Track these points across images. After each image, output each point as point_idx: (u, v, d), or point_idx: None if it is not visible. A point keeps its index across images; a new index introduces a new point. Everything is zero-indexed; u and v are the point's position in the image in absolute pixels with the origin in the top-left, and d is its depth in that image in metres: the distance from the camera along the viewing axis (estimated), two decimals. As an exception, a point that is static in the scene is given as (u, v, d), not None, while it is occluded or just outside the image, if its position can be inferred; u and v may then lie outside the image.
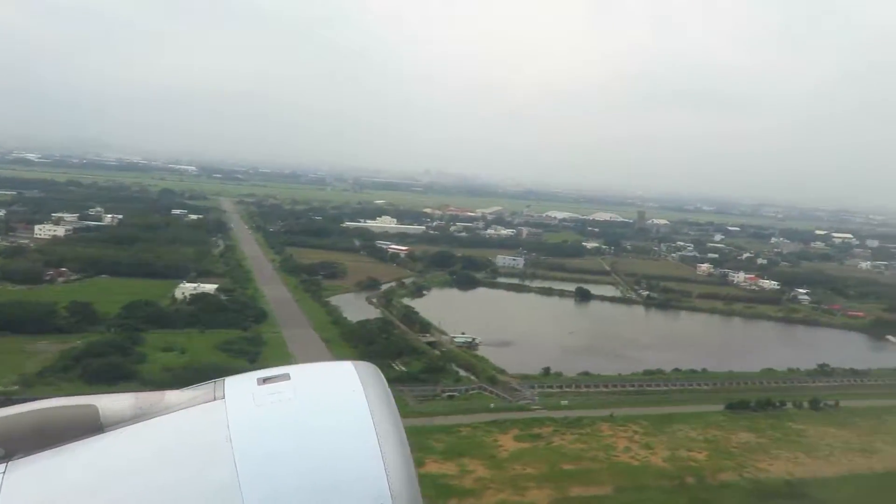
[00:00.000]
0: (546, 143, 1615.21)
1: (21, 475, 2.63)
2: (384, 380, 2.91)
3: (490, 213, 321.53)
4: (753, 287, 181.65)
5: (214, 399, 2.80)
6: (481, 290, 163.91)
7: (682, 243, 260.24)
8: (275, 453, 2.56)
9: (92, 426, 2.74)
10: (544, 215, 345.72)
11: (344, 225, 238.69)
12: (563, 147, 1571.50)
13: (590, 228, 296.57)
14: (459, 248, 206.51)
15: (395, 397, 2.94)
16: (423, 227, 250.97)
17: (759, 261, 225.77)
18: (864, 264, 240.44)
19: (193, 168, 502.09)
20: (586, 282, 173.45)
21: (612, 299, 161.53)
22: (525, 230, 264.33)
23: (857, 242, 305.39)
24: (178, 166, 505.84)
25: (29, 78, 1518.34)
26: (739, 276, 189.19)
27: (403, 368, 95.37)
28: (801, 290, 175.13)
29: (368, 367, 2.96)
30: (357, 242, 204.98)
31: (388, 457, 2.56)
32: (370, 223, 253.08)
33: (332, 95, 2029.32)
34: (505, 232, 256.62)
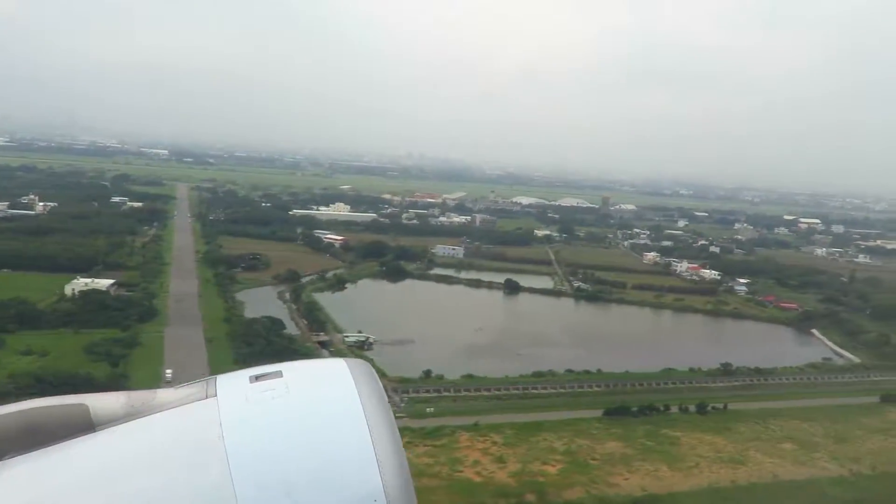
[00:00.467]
0: (531, 126, 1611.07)
1: (12, 475, 2.57)
2: (377, 377, 2.84)
3: (452, 199, 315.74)
4: (694, 277, 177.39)
5: (206, 397, 2.75)
6: (409, 283, 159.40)
7: (637, 230, 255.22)
8: (267, 451, 2.51)
9: (83, 425, 2.70)
10: (510, 201, 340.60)
11: (291, 213, 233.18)
12: (548, 130, 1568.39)
13: (550, 215, 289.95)
14: (406, 237, 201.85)
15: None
16: (375, 215, 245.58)
17: (712, 249, 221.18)
18: (820, 251, 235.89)
19: (165, 152, 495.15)
20: (526, 272, 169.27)
21: (541, 291, 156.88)
22: (480, 217, 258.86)
23: (823, 228, 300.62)
24: (151, 150, 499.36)
25: (1, 59, 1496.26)
26: (682, 266, 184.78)
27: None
28: (740, 280, 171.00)
29: (361, 365, 2.89)
30: (298, 231, 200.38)
31: (381, 454, 2.51)
32: (322, 210, 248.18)
33: (318, 78, 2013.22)
34: (458, 219, 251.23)
